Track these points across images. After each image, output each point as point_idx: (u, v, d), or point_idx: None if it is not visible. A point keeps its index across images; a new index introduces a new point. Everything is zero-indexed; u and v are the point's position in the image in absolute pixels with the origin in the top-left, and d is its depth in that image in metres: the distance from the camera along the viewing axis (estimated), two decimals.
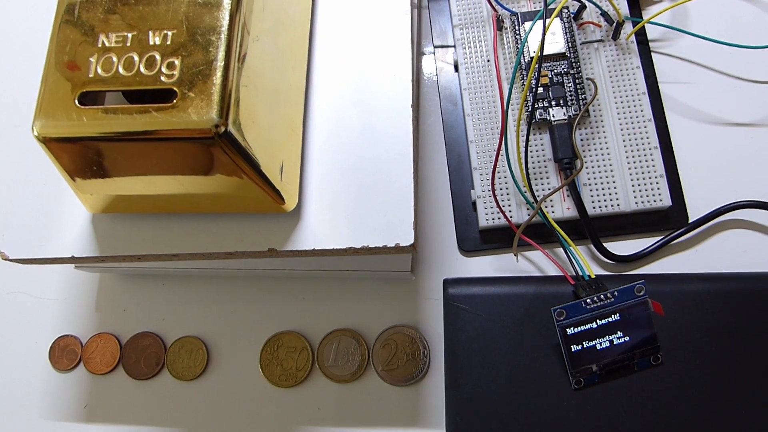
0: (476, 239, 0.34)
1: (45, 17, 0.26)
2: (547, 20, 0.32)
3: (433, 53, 0.38)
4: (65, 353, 0.35)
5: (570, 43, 0.35)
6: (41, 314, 0.36)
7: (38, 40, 0.28)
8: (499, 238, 0.34)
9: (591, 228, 0.33)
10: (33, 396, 0.34)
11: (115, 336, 0.35)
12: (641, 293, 0.29)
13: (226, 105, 0.22)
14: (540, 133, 0.34)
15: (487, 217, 0.33)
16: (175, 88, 0.22)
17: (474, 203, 0.34)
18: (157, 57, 0.23)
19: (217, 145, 0.23)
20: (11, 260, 0.28)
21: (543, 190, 0.33)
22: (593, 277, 0.31)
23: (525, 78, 0.34)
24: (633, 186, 0.33)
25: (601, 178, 0.33)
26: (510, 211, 0.33)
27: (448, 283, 0.32)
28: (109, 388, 0.34)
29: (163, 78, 0.22)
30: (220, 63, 0.23)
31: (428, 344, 0.33)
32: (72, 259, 0.28)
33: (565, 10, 0.35)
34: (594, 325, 0.29)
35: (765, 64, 0.36)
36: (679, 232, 0.33)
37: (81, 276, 0.36)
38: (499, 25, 0.35)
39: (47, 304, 0.36)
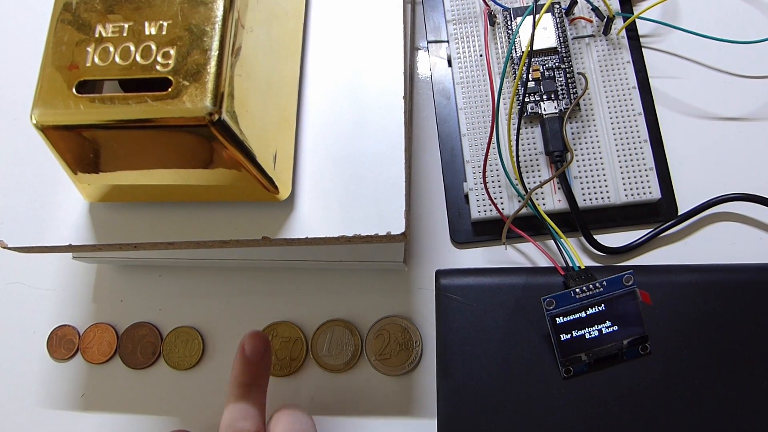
0: (469, 231, 0.35)
1: (42, 10, 0.27)
2: (537, 16, 0.33)
3: (427, 48, 0.38)
4: (63, 343, 0.35)
5: (561, 38, 0.35)
6: (39, 304, 0.36)
7: (36, 34, 0.29)
8: (491, 230, 0.34)
9: (581, 220, 0.33)
10: (31, 385, 0.35)
11: (111, 326, 0.35)
12: (629, 283, 0.30)
13: (219, 93, 0.23)
14: (531, 127, 0.35)
15: (479, 209, 0.34)
16: (170, 77, 0.23)
17: (466, 195, 0.35)
18: (153, 47, 0.23)
19: (211, 133, 0.23)
20: (10, 248, 0.28)
21: (534, 182, 0.34)
22: (583, 267, 0.31)
23: (516, 72, 0.35)
24: (623, 179, 0.33)
25: (591, 171, 0.34)
26: (501, 204, 0.34)
27: (440, 274, 0.32)
28: (105, 378, 0.35)
29: (158, 67, 0.23)
30: (214, 53, 0.23)
31: (421, 334, 0.34)
32: (70, 248, 0.28)
33: (557, 6, 0.36)
34: (583, 314, 0.30)
35: (754, 59, 0.36)
36: (668, 224, 0.34)
37: (78, 267, 0.37)
38: (491, 20, 0.36)
39: (45, 295, 0.36)
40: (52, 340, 0.35)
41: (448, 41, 0.37)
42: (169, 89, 0.23)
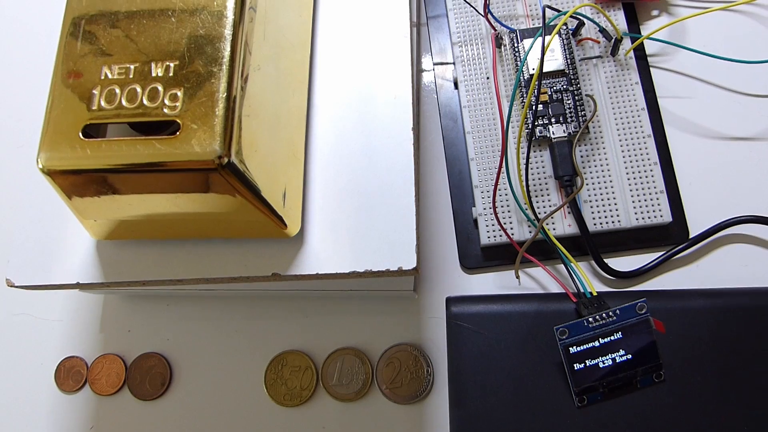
0: (478, 256, 0.34)
1: (47, 42, 0.27)
2: (548, 38, 0.33)
3: (433, 70, 0.38)
4: (71, 375, 0.35)
5: (569, 60, 0.35)
6: (46, 336, 0.36)
7: (39, 62, 0.29)
8: (500, 255, 0.34)
9: (592, 244, 0.33)
10: (39, 418, 0.35)
11: (120, 357, 0.35)
12: (643, 311, 0.30)
13: (228, 136, 0.22)
14: (540, 151, 0.34)
15: (488, 234, 0.33)
16: (177, 120, 0.22)
17: (475, 221, 0.34)
18: (160, 89, 0.23)
19: (221, 176, 0.23)
20: (17, 287, 0.28)
21: (544, 206, 0.33)
22: (595, 294, 0.31)
23: (525, 95, 0.34)
24: (633, 202, 0.33)
25: (601, 194, 0.33)
26: (511, 229, 0.33)
27: (450, 301, 0.32)
28: (114, 409, 0.34)
29: (165, 110, 0.23)
30: (222, 94, 0.23)
31: (432, 362, 0.33)
32: (77, 285, 0.28)
33: (564, 27, 0.35)
34: (596, 343, 0.30)
35: (763, 78, 0.36)
36: (680, 247, 0.33)
37: (85, 297, 0.36)
38: (498, 42, 0.36)
39: (52, 326, 0.36)
40: (59, 372, 0.35)
41: (454, 63, 0.37)
42: (177, 132, 0.22)
